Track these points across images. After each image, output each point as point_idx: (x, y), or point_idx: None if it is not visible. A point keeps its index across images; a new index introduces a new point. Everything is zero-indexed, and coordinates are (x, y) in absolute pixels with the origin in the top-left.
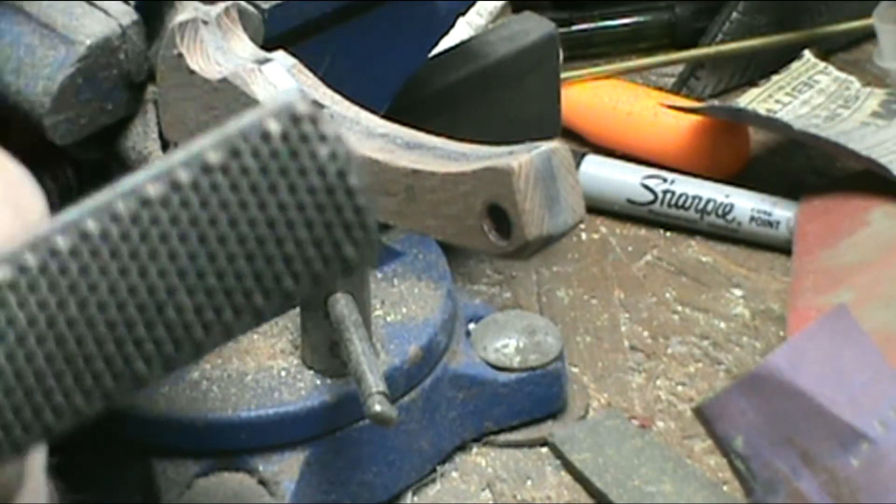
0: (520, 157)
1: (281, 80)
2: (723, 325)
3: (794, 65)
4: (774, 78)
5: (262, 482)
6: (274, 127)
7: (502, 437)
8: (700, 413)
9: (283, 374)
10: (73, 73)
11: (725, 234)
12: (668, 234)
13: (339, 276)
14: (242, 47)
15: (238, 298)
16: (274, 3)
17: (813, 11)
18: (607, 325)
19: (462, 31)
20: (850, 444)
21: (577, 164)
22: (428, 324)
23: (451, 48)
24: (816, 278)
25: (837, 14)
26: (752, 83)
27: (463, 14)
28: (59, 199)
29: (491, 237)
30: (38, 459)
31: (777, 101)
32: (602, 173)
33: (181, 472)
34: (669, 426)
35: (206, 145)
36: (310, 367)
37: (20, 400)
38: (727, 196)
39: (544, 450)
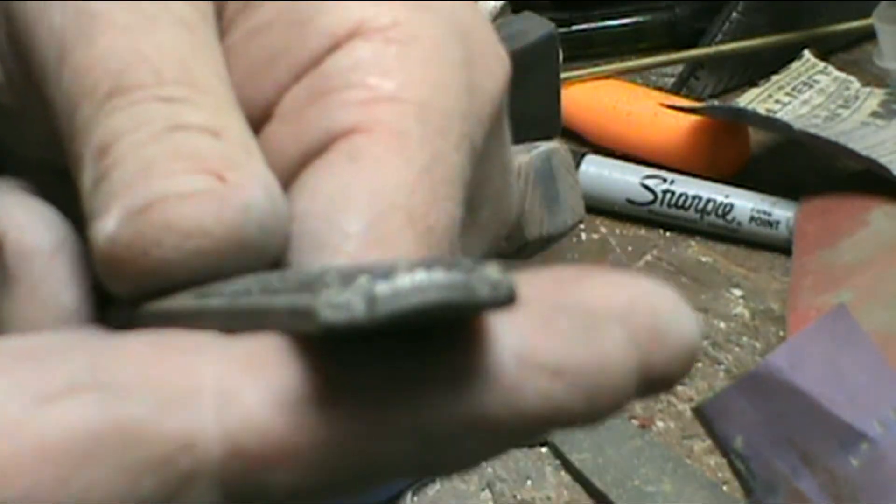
0: (519, 158)
1: None
2: (723, 325)
3: (794, 65)
4: (774, 78)
5: None
6: None
7: None
8: (700, 413)
9: None
10: None
11: (725, 234)
12: (668, 234)
13: None
14: None
15: None
16: None
17: (813, 11)
18: None
19: None
20: (850, 444)
21: (577, 164)
22: None
23: None
24: (816, 278)
25: (837, 14)
26: (752, 83)
27: None
28: None
29: None
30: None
31: (777, 101)
32: (602, 173)
33: None
34: (669, 426)
35: None
36: None
37: None
38: (727, 196)
39: (544, 450)
